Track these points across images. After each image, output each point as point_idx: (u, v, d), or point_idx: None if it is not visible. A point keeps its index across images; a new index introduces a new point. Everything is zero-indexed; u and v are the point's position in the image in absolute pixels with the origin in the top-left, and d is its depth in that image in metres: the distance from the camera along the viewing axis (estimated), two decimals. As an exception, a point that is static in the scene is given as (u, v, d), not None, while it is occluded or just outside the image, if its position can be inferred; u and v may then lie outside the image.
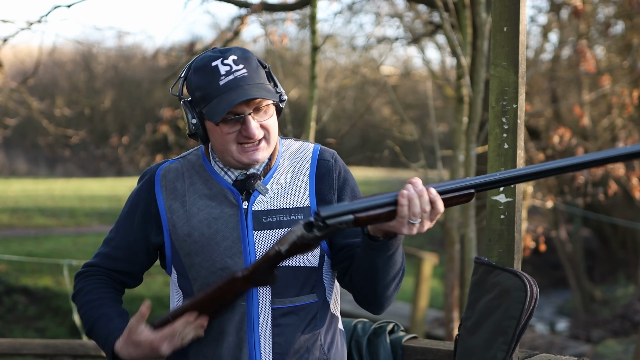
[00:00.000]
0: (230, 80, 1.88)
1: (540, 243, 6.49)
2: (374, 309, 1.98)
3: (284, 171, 2.02)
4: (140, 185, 2.08)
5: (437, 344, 2.56)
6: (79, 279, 2.12)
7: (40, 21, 7.02)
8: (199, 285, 1.98)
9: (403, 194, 1.73)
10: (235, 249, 1.95)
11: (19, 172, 26.54)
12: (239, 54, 1.92)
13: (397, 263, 1.88)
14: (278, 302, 1.96)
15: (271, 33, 6.20)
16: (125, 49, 23.32)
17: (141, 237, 2.06)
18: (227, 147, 1.93)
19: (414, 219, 1.73)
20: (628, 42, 9.26)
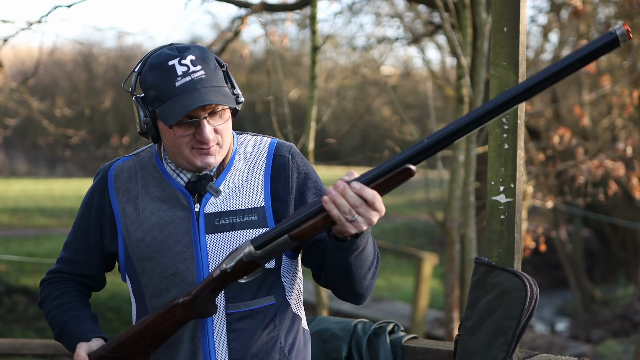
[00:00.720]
0: (187, 82, 1.80)
1: (540, 243, 6.48)
2: (355, 300, 1.91)
3: (238, 170, 1.95)
4: (94, 185, 2.01)
5: (437, 344, 2.56)
6: (43, 285, 2.07)
7: (41, 21, 7.02)
8: (150, 291, 1.93)
9: (325, 199, 1.64)
10: (187, 253, 1.89)
11: (19, 172, 26.53)
12: (197, 54, 1.84)
13: (369, 256, 1.81)
14: (232, 306, 1.90)
15: (271, 33, 6.20)
16: (126, 49, 23.31)
17: (98, 239, 2.00)
18: (180, 150, 1.86)
19: (351, 217, 1.63)
20: (628, 43, 9.26)
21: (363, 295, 1.89)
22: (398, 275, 13.62)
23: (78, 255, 2.04)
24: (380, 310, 10.57)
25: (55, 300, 2.02)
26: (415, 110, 13.72)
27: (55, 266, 2.09)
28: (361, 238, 1.73)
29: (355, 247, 1.74)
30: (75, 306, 2.00)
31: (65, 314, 1.99)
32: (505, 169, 2.24)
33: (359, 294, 1.88)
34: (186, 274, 1.89)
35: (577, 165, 6.79)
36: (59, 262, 2.08)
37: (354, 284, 1.84)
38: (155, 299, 1.93)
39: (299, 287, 2.04)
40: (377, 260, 1.88)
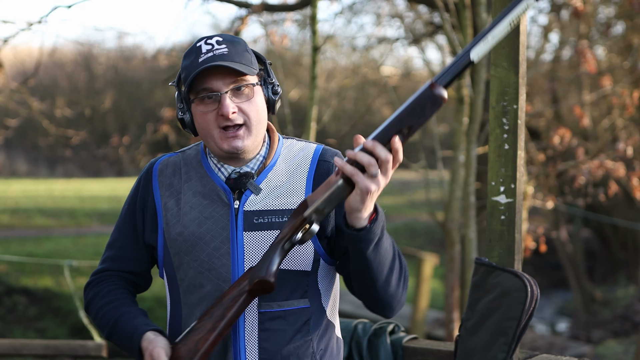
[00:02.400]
0: (208, 56, 1.84)
1: (540, 244, 6.48)
2: (383, 311, 1.90)
3: (280, 171, 1.95)
4: (139, 179, 2.04)
5: (438, 345, 2.56)
6: (90, 287, 2.05)
7: (41, 22, 7.02)
8: (185, 286, 1.92)
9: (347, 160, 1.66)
10: (223, 249, 1.88)
11: (20, 172, 26.54)
12: (226, 37, 1.89)
13: (388, 252, 1.80)
14: (265, 305, 1.88)
15: (271, 33, 6.20)
16: (126, 50, 23.35)
17: (143, 233, 2.00)
18: (209, 130, 1.88)
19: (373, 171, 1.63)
20: (629, 43, 9.26)
21: (390, 304, 1.88)
22: (398, 276, 13.59)
23: (125, 252, 2.03)
24: (381, 311, 10.53)
25: (104, 298, 2.00)
26: (415, 111, 13.70)
27: (100, 266, 2.07)
28: (374, 226, 1.72)
29: (371, 237, 1.73)
30: (125, 302, 1.98)
31: (115, 310, 1.96)
32: (505, 170, 2.24)
33: (385, 303, 1.87)
34: (221, 269, 1.88)
35: (578, 166, 6.79)
36: (105, 262, 2.06)
37: (377, 288, 1.83)
38: (189, 294, 1.91)
39: (336, 294, 2.03)
40: (402, 266, 1.87)
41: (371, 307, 1.91)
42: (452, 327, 5.57)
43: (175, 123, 8.29)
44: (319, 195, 1.73)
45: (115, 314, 1.95)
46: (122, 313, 1.95)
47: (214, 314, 1.81)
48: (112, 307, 1.97)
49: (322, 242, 1.94)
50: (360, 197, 1.67)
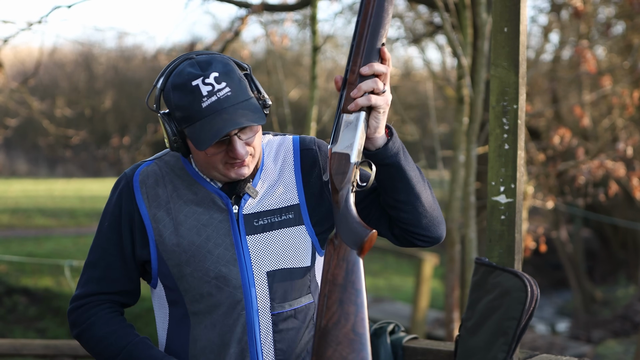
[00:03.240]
0: (213, 102, 1.76)
1: (540, 243, 6.48)
2: (437, 229, 1.92)
3: (269, 170, 1.95)
4: (119, 193, 1.95)
5: (438, 345, 2.56)
6: (79, 313, 1.95)
7: (41, 22, 7.02)
8: (191, 296, 1.89)
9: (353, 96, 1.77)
10: (229, 256, 1.87)
11: (20, 172, 26.54)
12: (219, 69, 1.79)
13: (413, 164, 1.87)
14: (278, 307, 1.89)
15: (272, 33, 6.20)
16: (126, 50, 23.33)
17: (131, 248, 1.92)
18: (213, 166, 1.85)
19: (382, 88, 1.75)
20: (629, 43, 9.26)
21: (438, 220, 1.92)
22: (398, 276, 13.62)
23: (112, 272, 1.94)
24: (381, 311, 10.56)
25: (105, 327, 1.92)
26: (415, 111, 13.71)
27: (82, 290, 1.96)
28: (395, 135, 1.83)
29: (397, 145, 1.82)
30: (130, 332, 1.93)
31: (124, 338, 1.91)
32: (505, 169, 2.24)
33: (434, 219, 1.90)
34: (230, 276, 1.87)
35: (578, 166, 6.79)
36: (89, 284, 1.96)
37: (423, 200, 1.87)
38: (197, 303, 1.89)
39: None
40: (428, 183, 1.93)
41: (424, 232, 1.91)
42: (452, 327, 5.57)
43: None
44: (348, 139, 1.78)
45: (124, 342, 1.90)
46: (135, 343, 1.90)
47: (343, 302, 1.78)
48: (116, 337, 1.91)
49: (319, 236, 1.95)
50: (380, 116, 1.77)
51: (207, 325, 1.89)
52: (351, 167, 1.77)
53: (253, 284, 1.88)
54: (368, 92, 1.75)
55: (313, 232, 1.94)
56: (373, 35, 1.76)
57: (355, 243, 1.77)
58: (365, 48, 1.76)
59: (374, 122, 1.77)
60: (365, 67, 1.75)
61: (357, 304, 1.76)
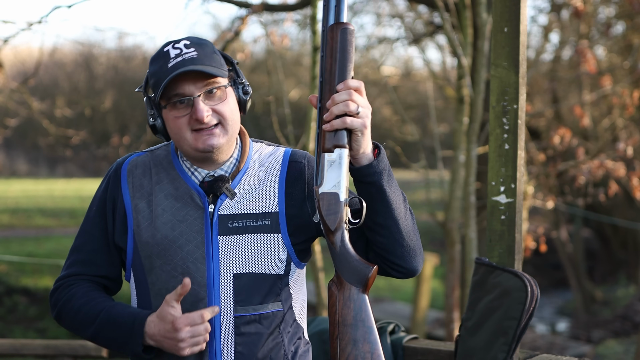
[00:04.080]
0: (178, 61, 1.82)
1: (540, 243, 6.48)
2: (410, 259, 1.88)
3: (253, 174, 1.94)
4: (107, 179, 1.98)
5: (438, 345, 2.56)
6: (59, 291, 1.95)
7: (41, 22, 7.02)
8: (157, 290, 1.89)
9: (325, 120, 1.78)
10: (197, 253, 1.88)
11: (20, 172, 26.54)
12: (193, 40, 1.88)
13: (398, 189, 1.85)
14: (241, 310, 1.88)
15: (272, 33, 6.20)
16: (126, 50, 23.33)
17: (113, 235, 1.94)
18: (182, 134, 1.86)
19: (355, 109, 1.75)
20: (629, 43, 9.26)
21: (414, 251, 1.88)
22: (398, 276, 13.59)
23: (96, 256, 1.96)
24: (381, 311, 10.57)
25: (83, 298, 1.92)
26: (415, 111, 13.71)
27: (66, 271, 1.97)
28: (382, 155, 1.82)
29: (382, 166, 1.80)
30: (108, 298, 1.93)
31: (102, 304, 1.90)
32: (505, 169, 2.24)
33: (411, 249, 1.87)
34: (196, 274, 1.87)
35: (578, 166, 6.79)
36: (73, 266, 1.97)
37: (400, 228, 1.84)
38: (161, 297, 1.88)
39: (304, 298, 2.04)
40: (410, 209, 1.91)
41: (398, 262, 1.89)
42: (453, 327, 5.57)
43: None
44: (334, 178, 1.79)
45: (102, 307, 1.90)
46: (112, 306, 1.90)
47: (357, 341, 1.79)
48: (95, 303, 1.91)
49: (296, 247, 1.94)
50: (361, 137, 1.77)
51: None
52: (342, 206, 1.78)
53: (218, 284, 1.88)
54: (340, 115, 1.75)
55: (289, 242, 1.93)
56: (342, 70, 1.78)
57: (358, 281, 1.80)
58: (335, 85, 1.77)
59: (355, 144, 1.77)
60: (341, 84, 1.75)
61: (370, 341, 1.79)
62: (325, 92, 1.78)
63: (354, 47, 1.78)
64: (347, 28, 1.77)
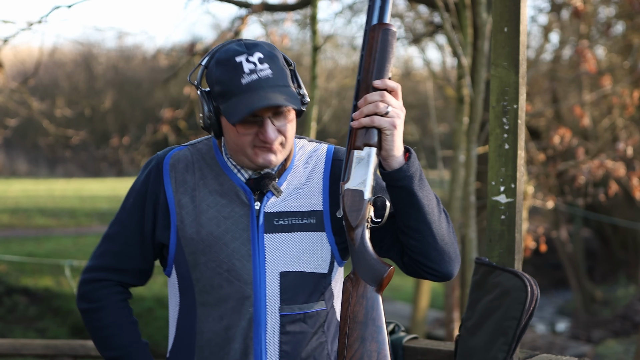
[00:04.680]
0: (253, 80, 1.78)
1: (540, 243, 6.48)
2: (445, 264, 1.88)
3: (298, 172, 1.94)
4: (147, 173, 1.96)
5: (438, 345, 2.56)
6: (90, 288, 1.98)
7: (41, 21, 7.02)
8: (201, 286, 1.89)
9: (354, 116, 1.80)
10: (244, 250, 1.87)
11: (20, 172, 26.55)
12: (265, 52, 1.82)
13: (431, 192, 1.85)
14: (287, 308, 1.88)
15: (272, 33, 6.21)
16: (126, 50, 23.36)
17: (152, 229, 1.93)
18: (242, 148, 1.84)
19: (384, 109, 1.76)
20: (629, 43, 9.26)
21: (449, 254, 1.87)
22: (398, 276, 13.54)
23: (129, 247, 1.96)
24: (381, 311, 10.54)
25: (113, 316, 1.97)
26: (415, 110, 13.70)
27: (97, 261, 1.99)
28: (413, 159, 1.81)
29: (413, 170, 1.80)
30: (135, 330, 1.99)
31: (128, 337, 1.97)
32: (505, 169, 2.24)
33: (445, 253, 1.86)
34: (242, 271, 1.87)
35: (578, 166, 6.79)
36: (104, 256, 1.99)
37: (434, 232, 1.83)
38: (206, 294, 1.89)
39: None
40: (446, 212, 1.90)
41: (432, 265, 1.88)
42: (452, 326, 5.57)
43: (175, 123, 8.29)
44: (360, 175, 1.80)
45: (127, 341, 1.96)
46: (135, 346, 1.96)
47: (366, 339, 1.80)
48: (123, 332, 1.96)
49: (339, 245, 1.94)
50: (390, 137, 1.77)
51: (215, 317, 1.89)
52: (365, 203, 1.79)
53: (264, 282, 1.88)
54: (370, 114, 1.77)
55: (333, 241, 1.92)
56: (379, 70, 1.79)
57: (374, 280, 1.81)
58: (371, 84, 1.79)
59: (384, 143, 1.78)
60: (378, 81, 1.77)
61: (378, 340, 1.79)
62: (361, 91, 1.80)
63: (394, 48, 1.79)
64: (389, 29, 1.79)
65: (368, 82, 1.79)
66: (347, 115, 16.01)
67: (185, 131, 8.48)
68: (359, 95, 1.80)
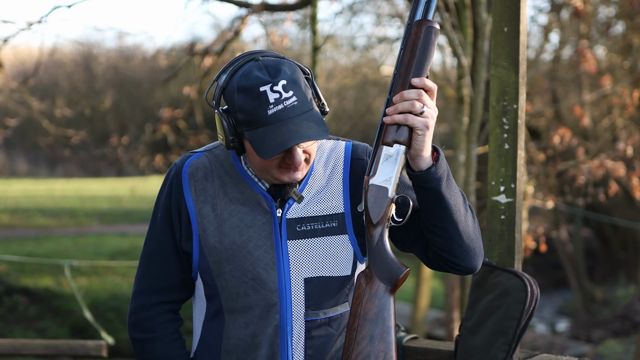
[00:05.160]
0: (279, 110, 1.73)
1: (540, 243, 6.48)
2: (470, 259, 1.85)
3: (318, 175, 1.92)
4: (169, 184, 1.94)
5: (438, 345, 2.56)
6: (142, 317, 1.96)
7: (41, 21, 7.02)
8: (227, 294, 1.88)
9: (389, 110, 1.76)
10: (268, 258, 1.87)
11: (20, 172, 26.55)
12: (288, 77, 1.76)
13: (458, 192, 1.82)
14: (312, 314, 1.88)
15: (271, 33, 6.21)
16: (126, 50, 23.35)
17: (180, 239, 1.93)
18: (267, 170, 1.83)
19: (419, 109, 1.72)
20: (629, 43, 9.25)
21: (474, 250, 1.85)
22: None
23: (168, 265, 1.95)
24: (381, 311, 10.53)
25: (166, 349, 1.96)
26: (415, 111, 13.71)
27: (142, 285, 1.97)
28: (441, 160, 1.77)
29: (440, 172, 1.77)
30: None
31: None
32: (505, 169, 2.24)
33: (470, 249, 1.84)
34: (267, 279, 1.86)
35: (578, 166, 6.79)
36: (147, 278, 1.97)
37: (460, 230, 1.81)
38: (233, 302, 1.89)
39: None
40: (470, 206, 1.88)
41: (456, 261, 1.86)
42: (452, 326, 5.58)
43: (174, 123, 8.29)
44: (387, 172, 1.77)
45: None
46: None
47: (374, 338, 1.78)
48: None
49: (361, 246, 1.93)
50: (421, 137, 1.74)
51: (241, 324, 1.89)
52: (388, 201, 1.77)
53: (289, 289, 1.87)
54: (404, 111, 1.73)
55: (355, 242, 1.92)
56: (418, 68, 1.75)
57: (389, 280, 1.80)
58: (408, 80, 1.74)
59: (414, 142, 1.75)
60: (416, 79, 1.73)
61: (387, 341, 1.78)
62: (397, 86, 1.75)
63: (435, 48, 1.76)
64: (432, 27, 1.75)
65: (405, 78, 1.74)
66: (347, 116, 16.05)
67: (185, 131, 8.48)
68: (394, 89, 1.75)
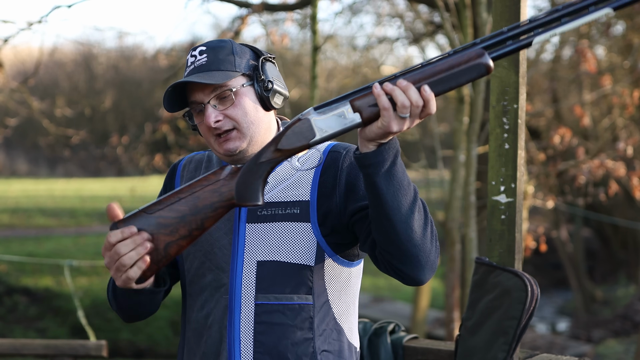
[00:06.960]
0: (189, 70, 1.87)
1: (541, 243, 6.48)
2: (412, 267, 1.70)
3: (288, 164, 1.91)
4: (166, 177, 2.09)
5: (438, 344, 2.56)
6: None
7: (41, 21, 7.03)
8: (190, 277, 1.94)
9: (377, 91, 1.56)
10: (225, 240, 1.90)
11: (20, 172, 26.56)
12: (210, 44, 1.88)
13: (404, 189, 1.66)
14: (262, 297, 1.87)
15: (272, 33, 6.21)
16: (126, 50, 23.35)
17: None
18: (208, 139, 1.90)
19: (405, 113, 1.55)
20: (629, 42, 9.26)
21: (417, 258, 1.69)
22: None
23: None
24: (381, 310, 10.57)
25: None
26: (415, 110, 13.71)
27: None
28: (385, 148, 1.62)
29: (379, 159, 1.62)
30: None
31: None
32: (506, 169, 2.24)
33: (412, 255, 1.68)
34: (221, 260, 1.90)
35: (578, 165, 6.80)
36: None
37: (398, 231, 1.66)
38: (193, 285, 1.94)
39: (352, 299, 1.97)
40: (425, 211, 1.73)
41: (398, 265, 1.72)
42: (453, 326, 5.58)
43: (174, 123, 8.29)
44: (329, 123, 1.62)
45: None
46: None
47: (186, 218, 1.68)
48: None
49: (327, 238, 1.88)
50: (379, 133, 1.59)
51: (198, 306, 1.93)
52: (303, 144, 1.65)
53: (241, 271, 1.88)
54: (395, 101, 1.56)
55: (319, 232, 1.88)
56: (439, 83, 1.58)
57: (237, 198, 1.69)
58: (423, 83, 1.57)
59: (369, 132, 1.60)
60: (404, 82, 1.56)
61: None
62: (412, 75, 1.58)
63: (467, 84, 1.62)
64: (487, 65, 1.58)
65: (422, 78, 1.58)
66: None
67: (185, 130, 8.48)
68: (407, 76, 1.58)
